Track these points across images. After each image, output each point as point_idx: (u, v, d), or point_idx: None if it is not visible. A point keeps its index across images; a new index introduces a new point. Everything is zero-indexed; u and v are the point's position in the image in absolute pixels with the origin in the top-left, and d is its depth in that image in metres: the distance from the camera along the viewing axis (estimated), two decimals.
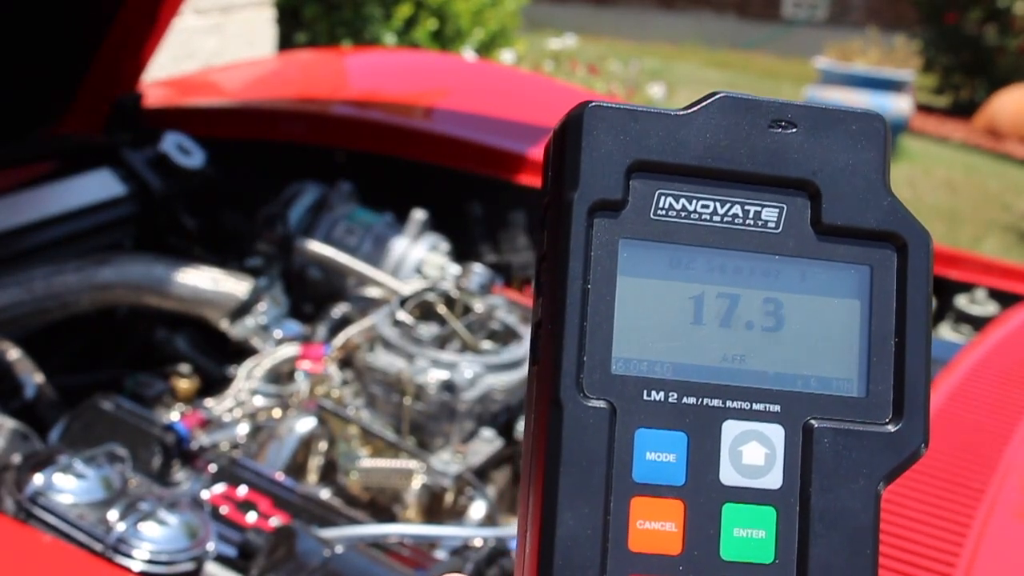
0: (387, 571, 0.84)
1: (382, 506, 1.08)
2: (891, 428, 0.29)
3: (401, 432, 1.12)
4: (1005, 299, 1.34)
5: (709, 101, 0.29)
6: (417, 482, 1.05)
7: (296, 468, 1.10)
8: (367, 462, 1.07)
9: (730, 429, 0.29)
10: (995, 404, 0.94)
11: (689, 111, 0.29)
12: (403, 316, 1.17)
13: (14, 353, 1.08)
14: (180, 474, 0.99)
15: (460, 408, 1.09)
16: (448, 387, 1.09)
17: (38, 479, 0.84)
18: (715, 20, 9.59)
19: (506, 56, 5.00)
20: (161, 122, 1.56)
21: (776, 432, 0.29)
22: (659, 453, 0.28)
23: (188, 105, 1.71)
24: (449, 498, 1.06)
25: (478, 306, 1.25)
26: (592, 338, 0.28)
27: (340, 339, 1.21)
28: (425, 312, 1.24)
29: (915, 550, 0.73)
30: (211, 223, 1.50)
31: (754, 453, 0.29)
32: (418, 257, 1.41)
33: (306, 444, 1.11)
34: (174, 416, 1.11)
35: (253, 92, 1.90)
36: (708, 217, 0.29)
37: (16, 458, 0.89)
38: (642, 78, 6.41)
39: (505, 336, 1.25)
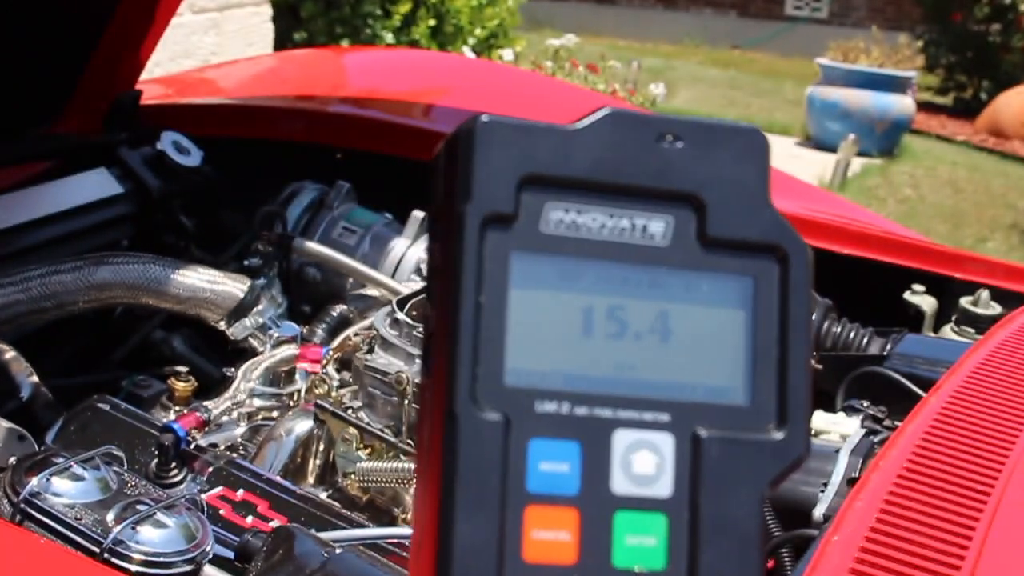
0: (386, 573, 0.83)
1: (381, 507, 1.07)
2: (775, 436, 0.30)
3: (400, 433, 1.11)
4: (1009, 299, 1.33)
5: (598, 117, 0.30)
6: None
7: (295, 469, 1.10)
8: (366, 463, 1.06)
9: (621, 438, 0.29)
10: (999, 406, 0.93)
11: (579, 126, 0.30)
12: (402, 316, 1.16)
13: (10, 354, 1.07)
14: (178, 475, 0.99)
15: None
16: None
17: (34, 481, 0.84)
18: (716, 19, 9.58)
19: (505, 55, 4.99)
20: (158, 120, 1.55)
21: (666, 441, 0.29)
22: (552, 463, 0.28)
23: (185, 103, 1.70)
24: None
25: None
26: (485, 350, 0.28)
27: (339, 340, 1.21)
28: (425, 312, 1.23)
29: (919, 552, 0.72)
30: (209, 222, 1.50)
31: (644, 462, 0.29)
32: (417, 257, 1.40)
33: (305, 445, 1.10)
34: (172, 417, 1.11)
35: (251, 90, 1.89)
36: (597, 230, 0.30)
37: (12, 459, 0.88)
38: (643, 77, 6.40)
39: None
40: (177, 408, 1.15)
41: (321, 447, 1.11)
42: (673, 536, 0.29)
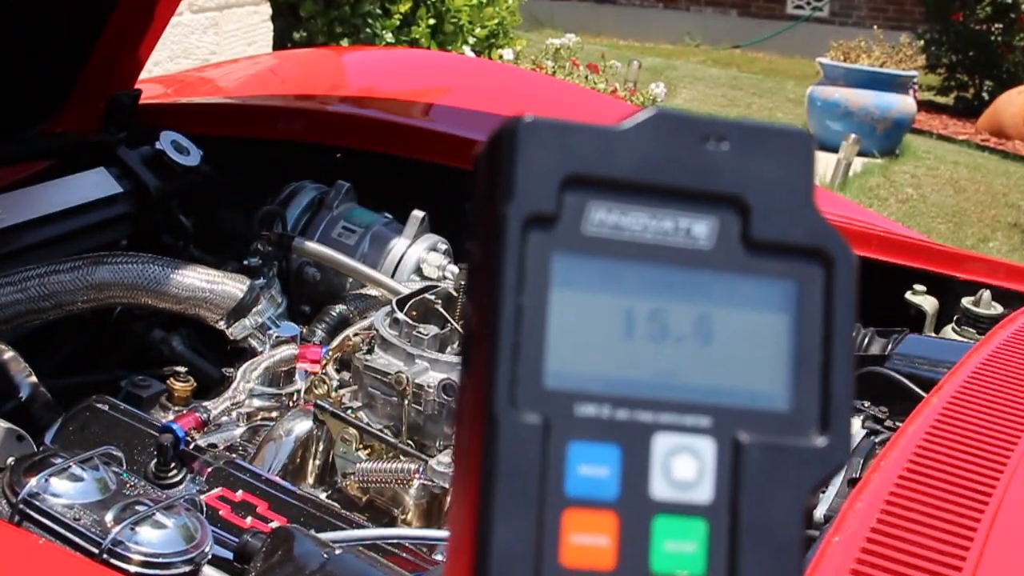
0: (386, 573, 0.83)
1: (380, 508, 1.07)
2: (817, 442, 0.29)
3: (400, 433, 1.11)
4: (1010, 300, 1.33)
5: (644, 117, 0.30)
6: (416, 484, 1.05)
7: (294, 470, 1.10)
8: (365, 464, 1.06)
9: (661, 442, 0.29)
10: (1000, 406, 0.93)
11: (623, 126, 0.29)
12: (402, 316, 1.16)
13: (8, 354, 1.07)
14: (177, 476, 0.98)
15: None
16: (448, 388, 1.08)
17: (33, 481, 0.83)
18: (717, 18, 9.58)
19: (506, 54, 4.99)
20: (157, 120, 1.55)
21: (707, 445, 0.29)
22: (592, 466, 0.28)
23: (185, 103, 1.70)
24: (448, 500, 1.05)
25: None
26: (525, 352, 0.28)
27: (338, 340, 1.21)
28: (424, 312, 1.23)
29: (920, 553, 0.72)
30: (208, 222, 1.49)
31: (685, 466, 0.29)
32: (417, 257, 1.40)
33: (304, 446, 1.10)
34: (171, 417, 1.10)
35: (251, 90, 1.89)
36: (640, 231, 0.29)
37: (10, 460, 0.88)
38: (643, 76, 6.40)
39: None
40: (176, 408, 1.14)
41: (320, 447, 1.11)
42: (713, 542, 0.28)
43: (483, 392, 0.28)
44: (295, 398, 1.17)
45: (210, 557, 0.83)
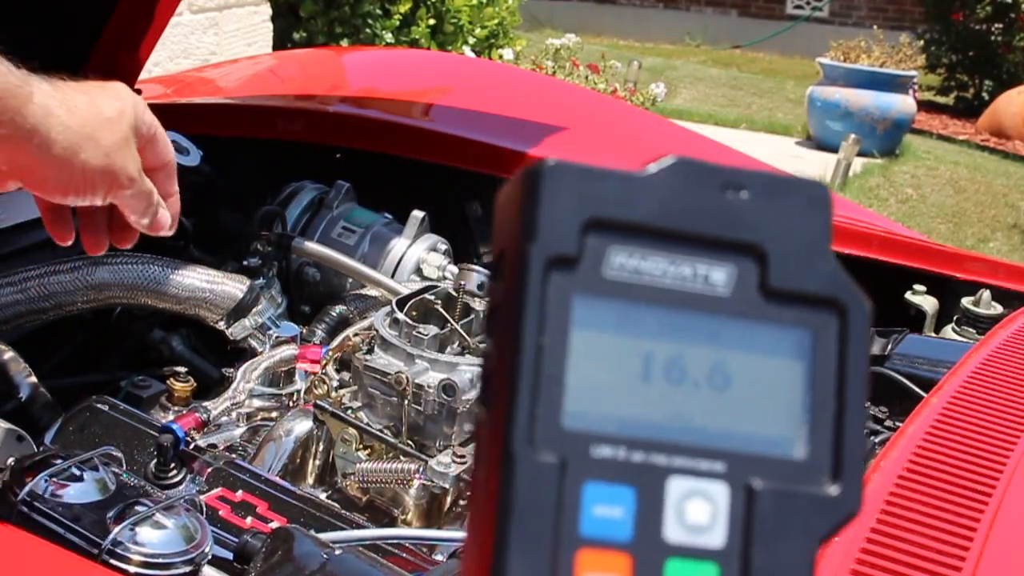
0: (386, 574, 0.83)
1: (381, 508, 1.07)
2: (830, 490, 0.30)
3: (400, 433, 1.11)
4: (1010, 300, 1.33)
5: (665, 164, 0.30)
6: (416, 484, 1.04)
7: (294, 470, 1.10)
8: (365, 464, 1.06)
9: (675, 486, 0.29)
10: (1000, 406, 0.93)
11: (645, 172, 0.30)
12: (402, 317, 1.16)
13: (8, 354, 1.07)
14: (177, 476, 0.98)
15: (460, 410, 1.08)
16: (448, 388, 1.08)
17: (33, 482, 0.83)
18: (717, 18, 9.57)
19: (506, 54, 4.99)
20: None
21: (720, 490, 0.29)
22: (606, 507, 0.29)
23: (185, 103, 1.70)
24: (448, 501, 1.05)
25: (478, 306, 1.24)
26: (545, 392, 0.29)
27: (338, 340, 1.21)
28: (424, 313, 1.23)
29: (920, 553, 0.72)
30: (208, 222, 1.49)
31: (698, 510, 0.29)
32: (417, 257, 1.40)
33: (304, 446, 1.10)
34: (171, 418, 1.10)
35: (251, 90, 1.89)
36: (659, 276, 0.30)
37: (10, 460, 0.88)
38: (643, 76, 6.39)
39: None
40: (176, 408, 1.14)
41: (320, 447, 1.11)
42: None
43: (502, 430, 0.28)
44: (295, 398, 1.17)
45: (210, 557, 0.83)
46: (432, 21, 4.46)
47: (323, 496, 1.06)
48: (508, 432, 0.28)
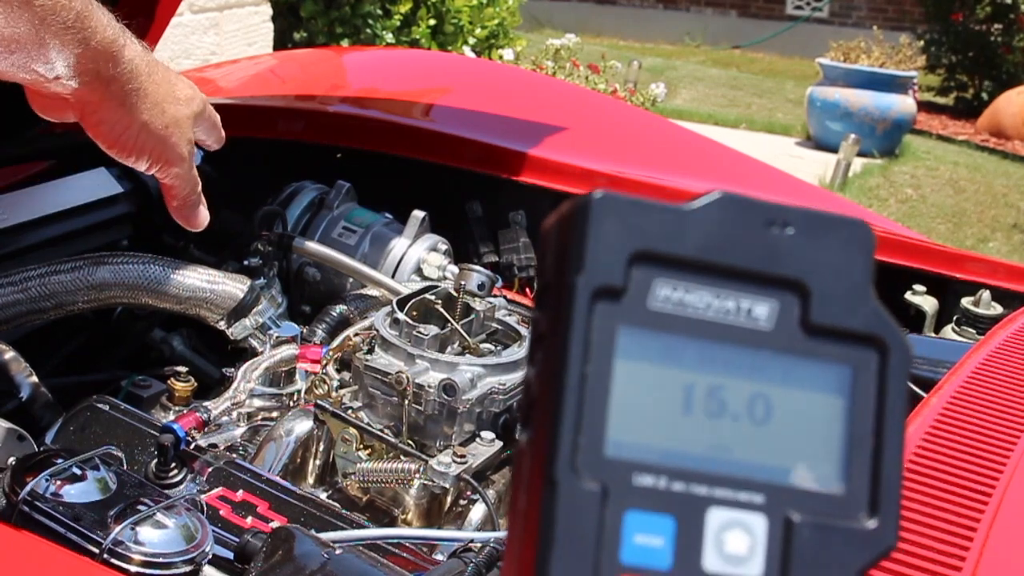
0: (386, 573, 0.83)
1: (381, 508, 1.07)
2: (867, 525, 0.30)
3: (400, 433, 1.11)
4: (1010, 300, 1.33)
5: (711, 199, 0.31)
6: (416, 484, 1.05)
7: (294, 470, 1.10)
8: (366, 464, 1.06)
9: (715, 516, 0.30)
10: (1000, 407, 0.93)
11: (691, 207, 0.31)
12: (402, 316, 1.16)
13: (9, 354, 1.07)
14: (177, 476, 0.98)
15: (460, 410, 1.08)
16: (448, 388, 1.08)
17: (33, 481, 0.83)
18: (717, 18, 9.58)
19: (506, 54, 4.99)
20: None
21: (759, 522, 0.30)
22: (647, 536, 0.29)
23: None
24: (448, 500, 1.05)
25: (478, 306, 1.24)
26: (588, 421, 0.29)
27: (339, 340, 1.21)
28: (424, 313, 1.23)
29: (919, 553, 0.72)
30: (208, 222, 1.49)
31: (737, 541, 0.30)
32: (417, 257, 1.40)
33: (304, 446, 1.10)
34: (171, 417, 1.10)
35: (251, 90, 1.89)
36: (703, 309, 0.30)
37: (11, 460, 0.88)
38: (643, 77, 6.39)
39: (505, 337, 1.24)
40: (177, 408, 1.14)
41: (321, 447, 1.11)
42: None
43: (544, 457, 0.29)
44: (295, 398, 1.17)
45: (210, 557, 0.83)
46: (432, 21, 4.46)
47: (323, 496, 1.06)
48: (551, 458, 0.29)
